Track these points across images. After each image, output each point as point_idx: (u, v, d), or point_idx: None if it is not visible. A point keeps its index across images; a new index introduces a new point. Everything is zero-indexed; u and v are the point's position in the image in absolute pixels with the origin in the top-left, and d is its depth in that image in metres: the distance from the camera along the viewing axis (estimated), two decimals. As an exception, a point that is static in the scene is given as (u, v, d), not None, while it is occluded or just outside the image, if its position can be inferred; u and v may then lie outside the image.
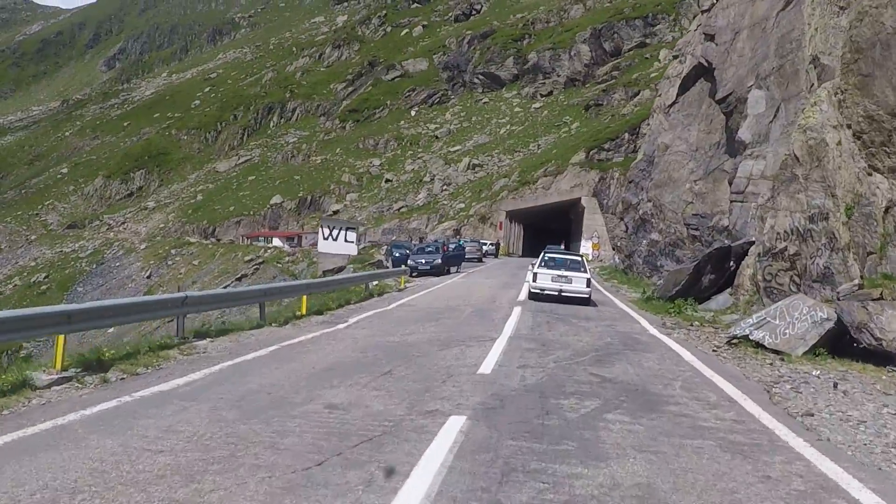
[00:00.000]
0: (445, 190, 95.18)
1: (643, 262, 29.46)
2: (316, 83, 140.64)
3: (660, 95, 33.69)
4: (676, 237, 27.61)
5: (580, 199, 58.28)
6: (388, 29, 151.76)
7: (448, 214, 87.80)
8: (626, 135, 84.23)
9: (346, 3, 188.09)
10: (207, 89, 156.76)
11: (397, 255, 34.19)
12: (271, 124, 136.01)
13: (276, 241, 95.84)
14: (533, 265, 23.60)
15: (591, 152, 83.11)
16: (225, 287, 66.24)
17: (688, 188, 27.95)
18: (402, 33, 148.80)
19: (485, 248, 54.03)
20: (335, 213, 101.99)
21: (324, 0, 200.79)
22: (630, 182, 33.11)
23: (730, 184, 24.01)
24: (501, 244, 62.12)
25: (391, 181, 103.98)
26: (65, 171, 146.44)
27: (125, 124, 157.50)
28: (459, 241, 41.13)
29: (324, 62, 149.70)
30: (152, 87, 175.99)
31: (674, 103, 31.84)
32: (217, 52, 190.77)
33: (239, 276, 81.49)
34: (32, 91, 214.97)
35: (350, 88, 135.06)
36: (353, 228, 38.76)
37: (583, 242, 58.07)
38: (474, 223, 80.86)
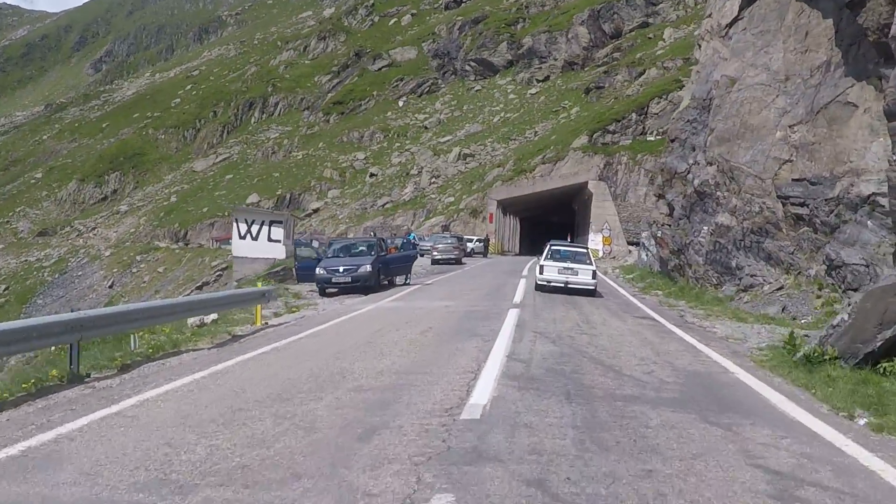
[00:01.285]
0: (434, 183, 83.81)
1: (706, 262, 17.90)
2: (299, 76, 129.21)
3: (709, 15, 22.15)
4: (765, 219, 16.18)
5: (587, 183, 46.70)
6: (376, 19, 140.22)
7: (436, 209, 76.52)
8: (634, 115, 72.84)
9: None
10: (189, 87, 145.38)
11: (313, 256, 21.86)
12: (252, 120, 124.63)
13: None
14: (539, 257, 22.05)
15: (594, 136, 71.71)
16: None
17: (779, 138, 16.51)
18: (391, 23, 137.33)
19: (469, 245, 42.67)
20: (315, 210, 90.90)
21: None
22: (672, 141, 21.49)
23: (889, 116, 12.51)
24: (492, 240, 50.52)
25: (376, 175, 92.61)
26: (39, 175, 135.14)
27: (104, 126, 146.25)
28: (409, 234, 25.62)
29: (308, 55, 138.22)
30: (134, 88, 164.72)
31: (735, 21, 20.31)
32: (203, 50, 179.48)
33: (200, 283, 70.54)
34: (17, 96, 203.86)
35: (335, 80, 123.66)
36: (280, 222, 27.43)
37: (591, 236, 46.61)
38: (465, 218, 69.52)
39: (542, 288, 20.37)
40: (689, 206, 19.06)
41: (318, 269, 18.86)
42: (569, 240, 51.57)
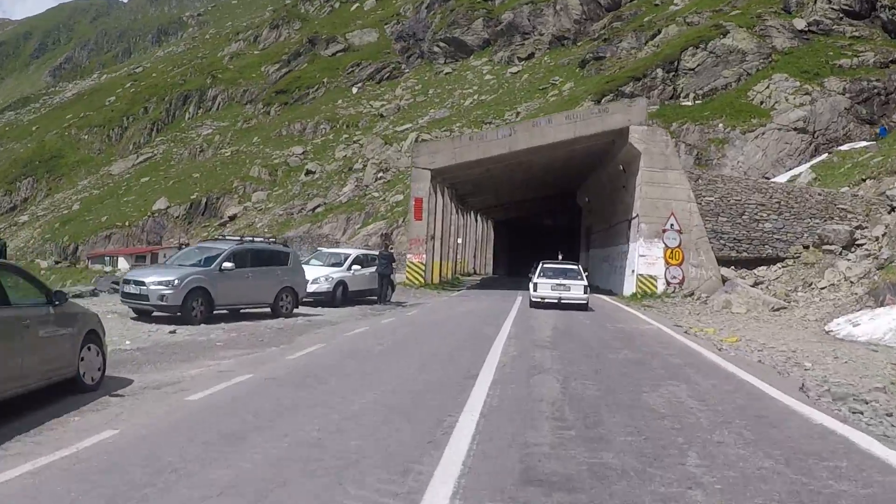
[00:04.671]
0: (381, 178, 57.52)
1: None
2: (245, 67, 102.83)
3: None
4: None
5: (626, 132, 19.88)
6: (336, 5, 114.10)
7: (378, 212, 50.21)
8: (660, 71, 46.84)
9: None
10: (128, 84, 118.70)
11: None
12: (187, 116, 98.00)
13: (123, 262, 58.27)
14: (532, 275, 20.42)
15: (603, 101, 45.54)
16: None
17: None
18: (353, 8, 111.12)
19: (319, 274, 16.29)
20: (231, 218, 64.30)
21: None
22: None
23: None
24: (418, 256, 23.09)
25: (313, 173, 66.18)
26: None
27: (34, 129, 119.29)
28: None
29: (259, 45, 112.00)
30: (76, 89, 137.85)
31: None
32: (157, 51, 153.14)
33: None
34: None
35: (284, 70, 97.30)
36: None
37: (638, 246, 20.26)
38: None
39: (537, 305, 18.67)
40: None
41: None
42: (559, 258, 26.96)
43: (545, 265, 20.37)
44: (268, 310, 14.20)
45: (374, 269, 18.15)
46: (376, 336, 11.56)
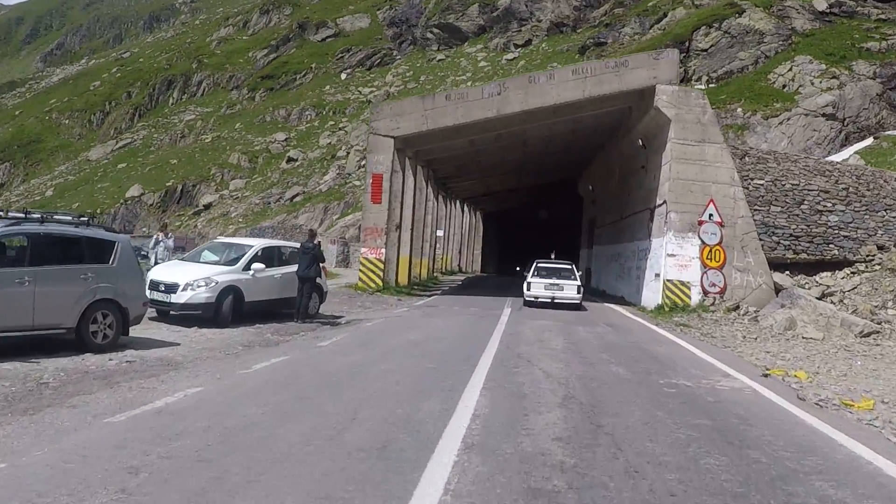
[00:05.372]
0: (364, 166, 52.37)
1: None
2: (232, 52, 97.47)
3: None
4: None
5: (652, 94, 15.20)
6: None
7: (358, 202, 45.10)
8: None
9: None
10: (115, 69, 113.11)
11: None
12: (171, 101, 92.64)
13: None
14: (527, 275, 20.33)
15: (606, 83, 40.35)
16: None
17: None
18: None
19: (198, 288, 10.21)
20: (206, 207, 59.27)
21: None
22: None
23: None
24: (374, 251, 17.47)
25: (295, 160, 61.18)
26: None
27: (17, 113, 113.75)
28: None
29: (249, 30, 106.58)
30: (64, 74, 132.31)
31: None
32: (149, 37, 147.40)
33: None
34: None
35: (272, 55, 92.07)
36: None
37: (666, 241, 15.46)
38: (395, 214, 38.13)
39: (531, 304, 18.75)
40: None
41: None
42: (553, 256, 23.07)
43: (539, 264, 20.23)
44: (73, 337, 8.49)
45: (291, 269, 12.64)
46: (174, 428, 5.29)
